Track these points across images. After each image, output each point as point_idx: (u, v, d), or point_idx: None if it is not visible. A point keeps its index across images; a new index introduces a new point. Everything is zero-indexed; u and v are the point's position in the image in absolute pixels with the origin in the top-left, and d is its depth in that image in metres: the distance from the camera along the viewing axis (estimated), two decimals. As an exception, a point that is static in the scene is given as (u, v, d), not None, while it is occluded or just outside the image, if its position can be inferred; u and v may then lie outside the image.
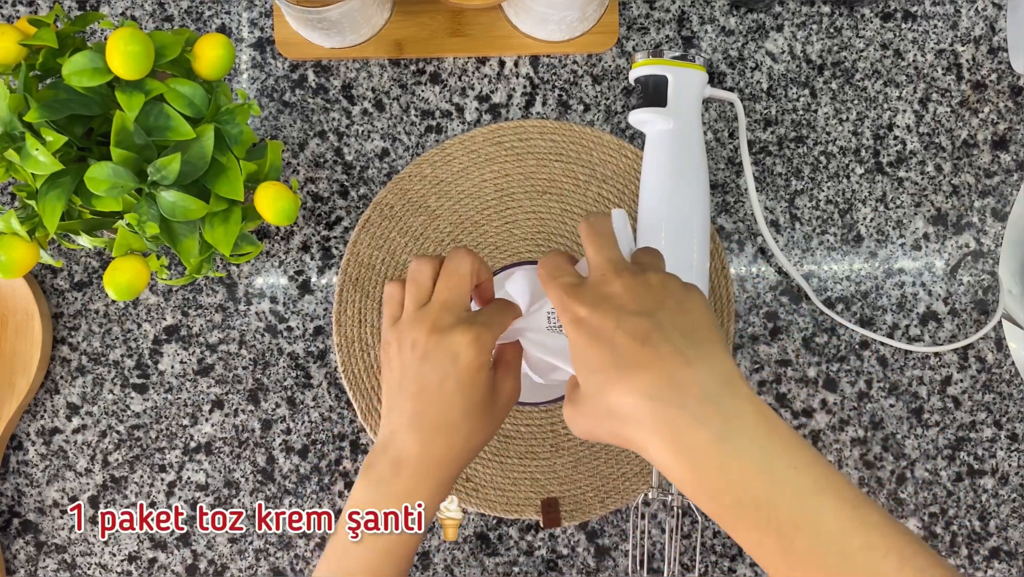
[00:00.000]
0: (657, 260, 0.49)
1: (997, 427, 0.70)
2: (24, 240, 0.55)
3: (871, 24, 0.71)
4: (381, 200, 0.70)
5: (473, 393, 0.50)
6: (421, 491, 0.51)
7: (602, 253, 0.47)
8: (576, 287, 0.46)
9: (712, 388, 0.41)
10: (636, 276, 0.45)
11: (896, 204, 0.71)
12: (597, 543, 0.70)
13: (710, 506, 0.41)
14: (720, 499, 0.41)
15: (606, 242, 0.48)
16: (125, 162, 0.52)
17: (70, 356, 0.70)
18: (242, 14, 0.71)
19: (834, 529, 0.39)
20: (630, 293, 0.44)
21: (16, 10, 0.72)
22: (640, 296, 0.44)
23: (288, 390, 0.70)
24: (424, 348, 0.50)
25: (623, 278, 0.45)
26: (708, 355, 0.42)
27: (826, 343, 0.70)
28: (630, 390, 0.42)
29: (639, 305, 0.44)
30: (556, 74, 0.71)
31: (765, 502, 0.40)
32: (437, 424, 0.51)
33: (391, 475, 0.51)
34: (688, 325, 0.43)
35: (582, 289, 0.46)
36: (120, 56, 0.51)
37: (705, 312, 0.45)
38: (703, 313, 0.45)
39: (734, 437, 0.40)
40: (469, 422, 0.51)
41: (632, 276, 0.45)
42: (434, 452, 0.51)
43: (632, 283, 0.45)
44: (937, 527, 0.70)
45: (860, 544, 0.38)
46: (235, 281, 0.71)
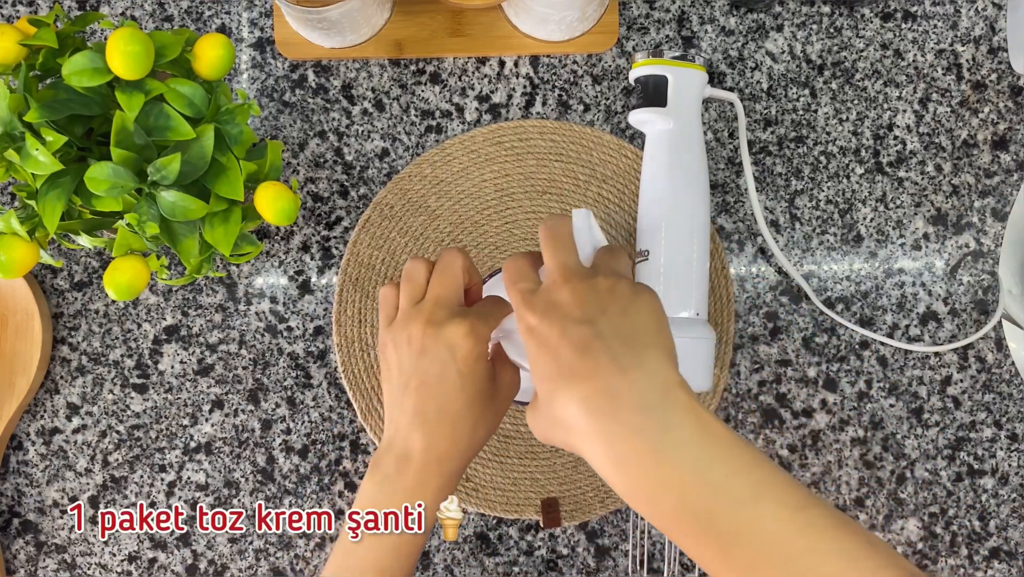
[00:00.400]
0: (615, 260, 0.48)
1: (997, 427, 0.70)
2: (24, 240, 0.55)
3: (871, 24, 0.71)
4: (381, 200, 0.70)
5: (473, 384, 0.51)
6: (427, 486, 0.51)
7: (555, 258, 0.47)
8: (530, 294, 0.46)
9: (649, 397, 0.41)
10: (585, 281, 0.45)
11: (896, 204, 0.71)
12: (597, 543, 0.70)
13: (650, 515, 0.41)
14: (658, 508, 0.40)
15: (561, 246, 0.48)
16: (125, 162, 0.52)
17: (70, 356, 0.70)
18: (242, 14, 0.71)
19: (774, 534, 0.38)
20: (576, 300, 0.44)
21: (16, 10, 0.72)
22: (585, 303, 0.44)
23: (288, 390, 0.70)
24: (421, 343, 0.51)
25: (571, 284, 0.45)
26: (647, 363, 0.42)
27: (826, 343, 0.70)
28: (570, 400, 0.42)
29: (583, 312, 0.44)
30: (556, 74, 0.71)
31: (703, 511, 0.39)
32: (440, 417, 0.51)
33: (396, 472, 0.51)
34: (630, 331, 0.43)
35: (535, 296, 0.46)
36: (120, 56, 0.51)
37: (650, 316, 0.45)
38: (648, 317, 0.44)
39: (670, 447, 0.40)
40: (472, 413, 0.51)
41: (581, 281, 0.45)
42: (439, 446, 0.51)
43: (580, 289, 0.45)
44: (937, 527, 0.70)
45: (803, 547, 0.38)
46: (235, 281, 0.71)
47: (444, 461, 0.51)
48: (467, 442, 0.51)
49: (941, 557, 0.70)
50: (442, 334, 0.50)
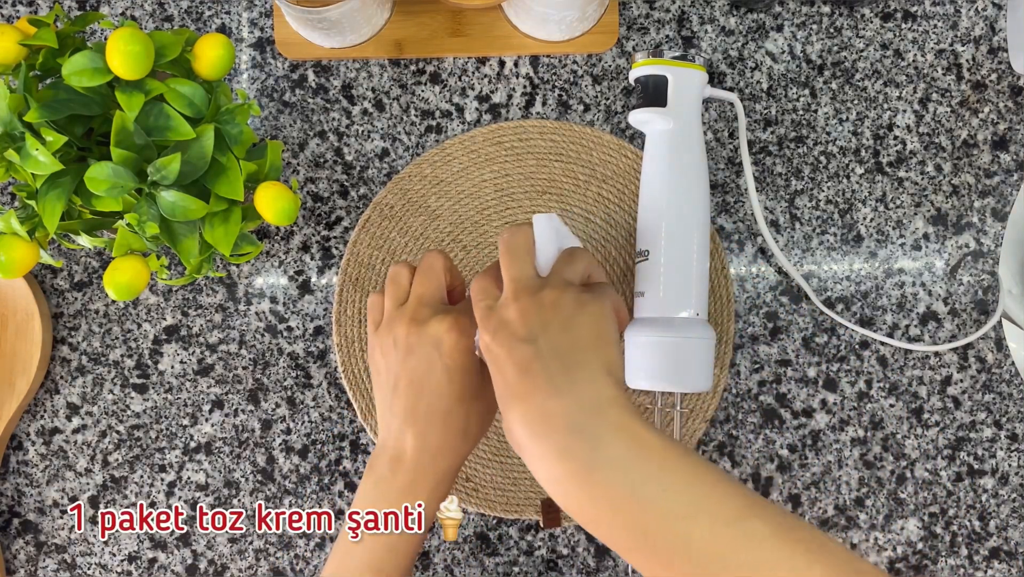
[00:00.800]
0: (569, 266, 0.48)
1: (997, 427, 0.70)
2: (24, 240, 0.55)
3: (871, 24, 0.71)
4: (381, 200, 0.70)
5: (463, 378, 0.51)
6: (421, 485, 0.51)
7: (508, 272, 0.48)
8: (488, 311, 0.47)
9: (579, 417, 0.41)
10: (532, 296, 0.45)
11: (896, 204, 0.71)
12: (597, 543, 0.70)
13: (592, 531, 0.42)
14: (596, 526, 0.41)
15: (515, 259, 0.48)
16: (125, 162, 0.52)
17: (70, 356, 0.70)
18: (242, 14, 0.71)
19: (710, 549, 0.38)
20: (522, 318, 0.45)
21: (16, 10, 0.72)
22: (529, 320, 0.45)
23: (288, 390, 0.70)
24: (406, 342, 0.51)
25: (520, 301, 0.45)
26: (580, 381, 0.43)
27: (826, 343, 0.70)
28: (513, 419, 0.43)
29: (527, 330, 0.44)
30: (556, 74, 0.71)
31: (637, 527, 0.39)
32: (430, 414, 0.51)
33: (391, 473, 0.51)
34: (567, 347, 0.44)
35: (491, 314, 0.46)
36: (120, 56, 0.51)
37: (592, 328, 0.45)
38: (589, 330, 0.45)
39: (600, 466, 0.40)
40: (463, 407, 0.51)
41: (529, 297, 0.45)
42: (431, 442, 0.51)
43: (526, 306, 0.45)
44: (937, 527, 0.70)
45: (741, 561, 0.37)
46: (235, 281, 0.71)
47: (438, 457, 0.51)
48: (460, 437, 0.52)
49: (941, 557, 0.70)
50: (426, 331, 0.50)
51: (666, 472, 0.40)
